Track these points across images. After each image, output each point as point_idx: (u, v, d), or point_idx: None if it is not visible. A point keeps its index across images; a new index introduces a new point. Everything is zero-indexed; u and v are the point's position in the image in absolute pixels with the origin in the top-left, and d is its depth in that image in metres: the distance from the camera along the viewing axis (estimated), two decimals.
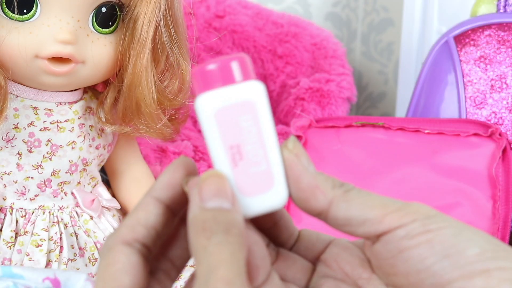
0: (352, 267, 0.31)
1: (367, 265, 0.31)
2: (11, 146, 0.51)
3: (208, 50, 0.80)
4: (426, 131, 0.67)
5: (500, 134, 0.65)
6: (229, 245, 0.25)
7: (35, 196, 0.53)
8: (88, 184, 0.56)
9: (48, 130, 0.52)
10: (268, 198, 0.29)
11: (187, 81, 0.54)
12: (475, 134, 0.66)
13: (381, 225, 0.28)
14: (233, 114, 0.28)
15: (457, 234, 0.27)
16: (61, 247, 0.52)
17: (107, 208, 0.57)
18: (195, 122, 0.74)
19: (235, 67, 0.28)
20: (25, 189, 0.52)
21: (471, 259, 0.26)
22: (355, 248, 0.31)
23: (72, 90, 0.53)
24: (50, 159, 0.52)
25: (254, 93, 0.28)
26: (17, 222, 0.52)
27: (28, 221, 0.52)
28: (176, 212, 0.29)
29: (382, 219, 0.28)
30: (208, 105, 0.27)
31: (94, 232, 0.54)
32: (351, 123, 0.69)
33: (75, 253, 0.53)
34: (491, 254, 0.26)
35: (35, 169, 0.52)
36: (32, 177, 0.52)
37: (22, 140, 0.51)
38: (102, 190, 0.57)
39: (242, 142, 0.28)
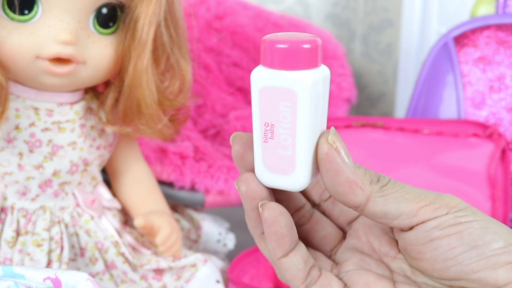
0: (381, 243, 0.32)
1: (394, 244, 0.32)
2: (12, 146, 0.51)
3: (209, 51, 0.80)
4: (426, 132, 0.67)
5: (498, 135, 0.65)
6: None
7: (36, 196, 0.53)
8: (89, 184, 0.56)
9: (49, 130, 0.52)
10: (285, 180, 0.30)
11: (188, 82, 0.54)
12: (474, 135, 0.66)
13: (415, 218, 0.29)
14: (275, 96, 0.29)
15: (485, 227, 0.28)
16: (62, 247, 0.52)
17: (108, 208, 0.57)
18: (195, 122, 0.74)
19: (300, 53, 0.28)
20: (26, 189, 0.52)
21: (496, 251, 0.28)
22: (385, 226, 0.33)
23: (73, 91, 0.53)
24: (51, 159, 0.52)
25: (300, 84, 0.28)
26: (18, 222, 0.52)
27: (29, 221, 0.52)
28: None
29: (417, 212, 0.29)
30: (257, 80, 0.29)
31: (94, 232, 0.54)
32: (350, 123, 0.69)
33: (75, 253, 0.53)
34: None
35: (36, 170, 0.52)
36: (33, 177, 0.52)
37: (23, 140, 0.51)
38: (103, 190, 0.57)
39: (276, 124, 0.29)
